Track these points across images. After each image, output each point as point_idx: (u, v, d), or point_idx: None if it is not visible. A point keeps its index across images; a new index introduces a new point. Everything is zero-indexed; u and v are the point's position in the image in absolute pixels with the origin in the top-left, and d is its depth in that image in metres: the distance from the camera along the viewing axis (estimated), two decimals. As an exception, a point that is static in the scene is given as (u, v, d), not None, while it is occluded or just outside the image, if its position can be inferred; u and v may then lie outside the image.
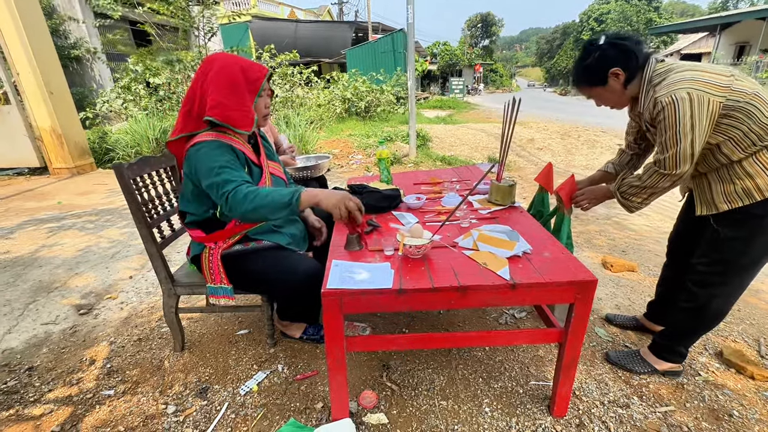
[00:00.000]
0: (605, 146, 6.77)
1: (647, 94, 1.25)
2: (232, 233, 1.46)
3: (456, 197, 1.79)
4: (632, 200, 1.35)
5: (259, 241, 1.49)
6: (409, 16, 5.14)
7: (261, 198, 1.23)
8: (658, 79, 1.22)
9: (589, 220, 3.24)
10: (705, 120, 1.13)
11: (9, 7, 4.39)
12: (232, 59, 1.36)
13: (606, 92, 1.33)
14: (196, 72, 1.39)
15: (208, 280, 1.51)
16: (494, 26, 46.07)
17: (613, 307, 2.02)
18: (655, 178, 1.27)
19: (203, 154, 1.31)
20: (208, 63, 1.36)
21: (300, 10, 23.51)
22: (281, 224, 1.55)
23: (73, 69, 8.96)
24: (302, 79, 9.45)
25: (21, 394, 1.53)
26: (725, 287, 1.33)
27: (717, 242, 1.28)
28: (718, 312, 1.38)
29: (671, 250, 1.65)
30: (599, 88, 1.33)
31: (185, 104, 1.37)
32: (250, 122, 1.37)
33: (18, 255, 2.78)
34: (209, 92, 1.32)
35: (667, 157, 1.20)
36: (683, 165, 1.19)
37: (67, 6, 8.68)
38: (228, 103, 1.32)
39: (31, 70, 4.67)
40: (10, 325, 1.98)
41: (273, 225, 1.52)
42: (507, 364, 1.60)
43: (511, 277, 1.12)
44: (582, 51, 1.33)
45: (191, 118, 1.36)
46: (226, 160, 1.31)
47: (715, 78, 1.13)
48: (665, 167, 1.23)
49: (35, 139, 5.07)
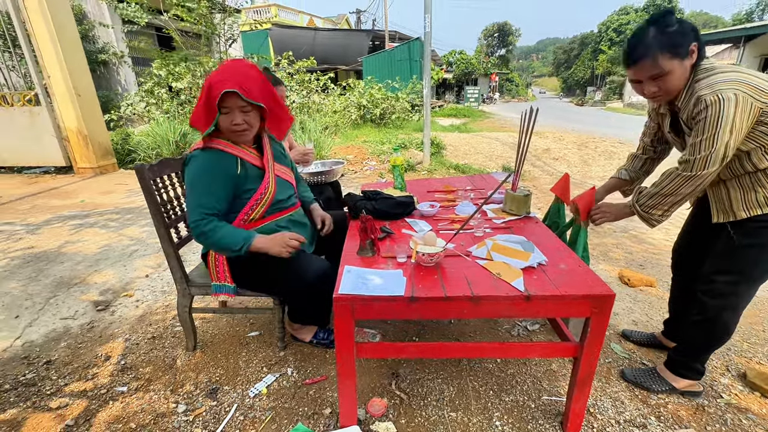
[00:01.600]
0: (623, 157, 6.64)
1: (688, 89, 1.18)
2: None
3: (470, 206, 1.78)
4: (653, 213, 1.30)
5: None
6: (426, 24, 5.17)
7: (214, 240, 1.39)
8: (702, 75, 1.16)
9: (605, 233, 3.18)
10: (745, 124, 1.09)
11: (43, 13, 4.59)
12: (222, 70, 1.36)
13: (679, 69, 1.16)
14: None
15: (213, 278, 1.54)
16: (511, 36, 46.02)
17: (629, 323, 1.96)
18: (677, 182, 1.21)
19: (191, 172, 1.40)
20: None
21: (319, 19, 23.93)
22: (286, 225, 1.57)
23: (100, 73, 9.29)
24: (319, 85, 9.58)
25: (39, 386, 1.56)
26: (735, 298, 1.30)
27: (731, 251, 1.26)
28: (726, 325, 1.34)
29: (677, 263, 1.62)
30: (676, 62, 1.15)
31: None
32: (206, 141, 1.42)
33: (42, 250, 2.87)
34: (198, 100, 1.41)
35: (697, 158, 1.14)
36: (712, 167, 1.13)
37: (97, 13, 9.03)
38: (196, 114, 1.37)
39: (61, 74, 4.86)
40: (31, 318, 2.04)
41: (277, 225, 1.54)
42: (519, 377, 1.57)
43: (525, 289, 1.10)
44: (661, 17, 1.16)
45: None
46: (204, 183, 1.38)
47: (762, 83, 1.09)
48: (692, 168, 1.16)
49: (62, 139, 5.25)
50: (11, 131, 5.25)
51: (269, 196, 1.49)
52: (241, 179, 1.44)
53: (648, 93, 1.24)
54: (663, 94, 1.22)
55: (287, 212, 1.58)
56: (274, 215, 1.54)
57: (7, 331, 1.92)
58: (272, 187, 1.50)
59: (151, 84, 7.07)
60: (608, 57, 32.12)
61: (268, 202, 1.49)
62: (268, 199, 1.49)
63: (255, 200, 1.47)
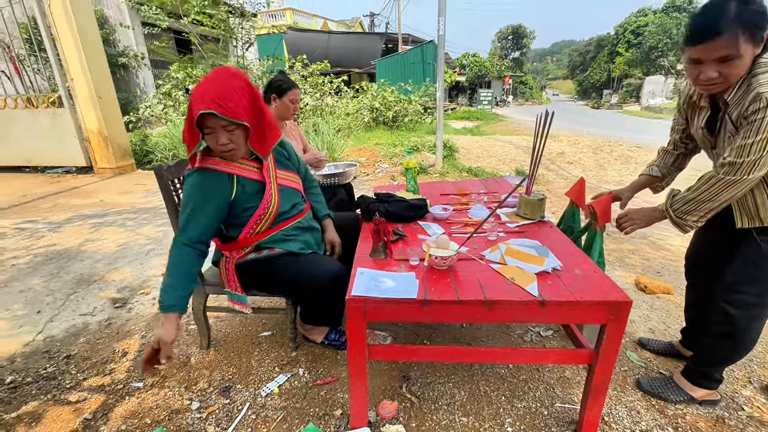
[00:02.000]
0: (640, 162, 6.51)
1: (743, 83, 1.08)
2: (244, 245, 1.50)
3: (483, 209, 1.76)
4: (687, 219, 1.20)
5: (272, 249, 1.51)
6: (440, 27, 5.17)
7: (168, 263, 1.30)
8: (762, 69, 1.06)
9: (622, 239, 3.12)
10: None
11: (68, 18, 4.75)
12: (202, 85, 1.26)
13: (747, 56, 1.04)
14: None
15: (224, 284, 1.57)
16: (525, 38, 45.62)
17: (646, 331, 1.92)
18: (718, 187, 1.12)
19: (187, 189, 1.36)
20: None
21: (333, 22, 24.13)
22: (295, 233, 1.55)
23: (119, 75, 9.54)
24: (332, 88, 9.65)
25: (59, 380, 1.61)
26: (762, 308, 1.26)
27: (759, 258, 1.21)
28: (752, 336, 1.30)
29: (691, 271, 1.56)
30: (750, 47, 1.03)
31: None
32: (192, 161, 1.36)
33: (63, 248, 2.96)
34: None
35: (746, 161, 1.05)
36: (759, 172, 1.06)
37: (118, 17, 9.29)
38: (185, 131, 1.30)
39: (83, 77, 5.01)
40: (53, 314, 2.10)
41: (284, 234, 1.52)
42: (531, 383, 1.55)
43: (539, 294, 1.09)
44: None
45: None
46: (192, 206, 1.33)
47: None
48: (738, 172, 1.07)
49: (83, 140, 5.41)
50: (35, 132, 5.43)
51: (272, 211, 1.45)
52: (238, 199, 1.40)
53: (704, 78, 1.10)
54: (721, 81, 1.09)
55: (294, 220, 1.55)
56: (280, 225, 1.51)
57: (30, 326, 1.98)
58: (275, 200, 1.45)
59: (169, 86, 7.24)
60: (625, 59, 31.57)
61: (272, 216, 1.46)
62: (272, 214, 1.46)
63: (258, 216, 1.44)
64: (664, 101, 22.58)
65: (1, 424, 1.39)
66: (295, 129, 2.44)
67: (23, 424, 1.39)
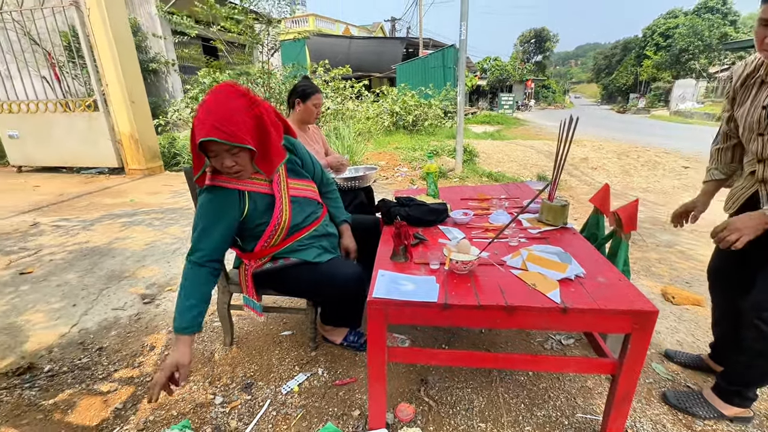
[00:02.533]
0: (668, 168, 6.29)
1: None
2: (260, 256, 1.52)
3: (504, 214, 1.76)
4: None
5: (287, 259, 1.53)
6: (462, 32, 5.17)
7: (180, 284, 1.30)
8: None
9: (648, 247, 3.03)
10: None
11: (105, 27, 5.00)
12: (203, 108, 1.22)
13: None
14: None
15: (243, 290, 1.61)
16: (548, 42, 44.89)
17: (674, 343, 1.86)
18: None
19: (198, 210, 1.36)
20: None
21: (354, 27, 24.42)
22: (311, 242, 1.54)
23: (150, 81, 9.92)
24: (353, 92, 9.76)
25: (92, 371, 1.69)
26: None
27: None
28: None
29: (716, 285, 1.50)
30: None
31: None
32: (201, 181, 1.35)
33: (96, 245, 3.11)
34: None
35: None
36: None
37: (150, 25, 9.69)
38: (192, 151, 1.29)
39: (117, 82, 5.26)
40: (87, 307, 2.20)
41: (299, 244, 1.52)
42: (552, 392, 1.53)
43: (561, 301, 1.08)
44: None
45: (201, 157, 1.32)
46: (203, 225, 1.32)
47: None
48: None
49: (116, 142, 5.66)
50: (72, 135, 5.72)
51: (284, 225, 1.44)
52: (250, 216, 1.40)
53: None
54: None
55: (309, 229, 1.53)
56: (294, 236, 1.50)
57: (66, 318, 2.09)
58: (286, 215, 1.44)
59: (197, 91, 7.48)
60: (653, 62, 30.58)
61: (285, 229, 1.46)
62: (285, 228, 1.45)
63: (270, 231, 1.44)
64: (694, 105, 21.71)
65: (39, 410, 1.47)
66: (317, 133, 2.49)
67: (59, 411, 1.47)
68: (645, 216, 3.84)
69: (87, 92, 5.72)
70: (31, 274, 2.62)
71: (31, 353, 1.81)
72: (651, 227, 3.50)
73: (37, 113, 5.75)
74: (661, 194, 4.88)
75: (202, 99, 1.26)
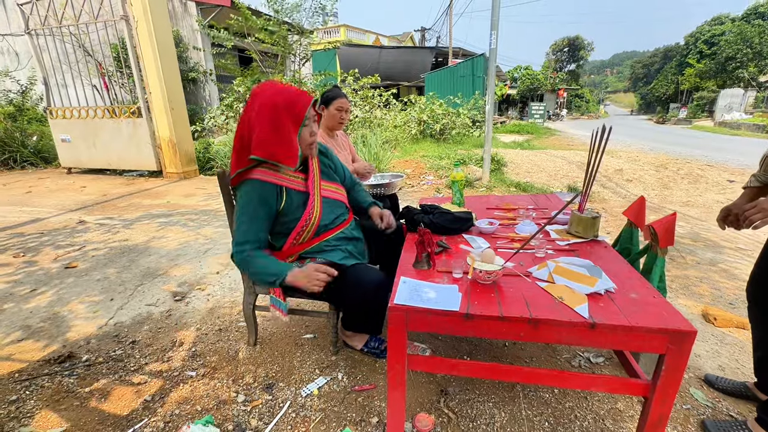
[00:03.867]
0: (712, 182, 5.94)
1: None
2: (288, 254, 1.57)
3: (531, 225, 1.71)
4: None
5: (314, 259, 1.56)
6: (492, 41, 5.14)
7: (252, 269, 1.44)
8: None
9: (688, 264, 2.86)
10: None
11: (150, 39, 5.33)
12: (273, 93, 1.36)
13: None
14: (244, 108, 1.42)
15: (269, 290, 1.63)
16: (582, 50, 43.79)
17: (715, 368, 1.74)
18: None
19: (238, 203, 1.45)
20: (251, 98, 1.39)
21: (384, 37, 24.77)
22: (337, 243, 1.59)
23: (189, 89, 10.46)
24: (381, 101, 9.87)
25: (125, 362, 1.78)
26: None
27: None
28: None
29: (757, 298, 1.38)
30: None
31: (236, 142, 1.43)
32: (293, 158, 1.40)
33: (134, 243, 3.28)
34: (254, 130, 1.36)
35: None
36: None
37: (191, 37, 10.25)
38: (271, 140, 1.36)
39: (159, 90, 5.57)
40: (122, 302, 2.32)
41: (326, 244, 1.56)
42: (578, 412, 1.46)
43: (590, 316, 1.04)
44: None
45: (243, 156, 1.42)
46: (248, 215, 1.41)
47: None
48: None
49: (156, 147, 5.98)
50: (117, 139, 6.10)
51: (314, 222, 1.51)
52: (285, 210, 1.47)
53: None
54: None
55: (336, 230, 1.59)
56: (322, 236, 1.56)
57: (104, 311, 2.21)
58: (317, 212, 1.51)
59: (232, 99, 7.81)
60: (697, 71, 29.14)
61: (314, 227, 1.52)
62: (314, 225, 1.51)
63: (300, 227, 1.50)
64: (742, 116, 20.43)
65: (76, 397, 1.56)
66: (345, 139, 2.54)
67: (94, 399, 1.55)
68: (685, 231, 3.63)
69: (132, 100, 6.10)
70: (76, 268, 2.80)
71: (72, 342, 1.92)
72: (691, 243, 3.31)
73: (87, 119, 6.17)
74: (704, 209, 4.60)
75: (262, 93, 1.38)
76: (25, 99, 7.70)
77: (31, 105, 8.08)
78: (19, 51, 10.29)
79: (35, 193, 5.27)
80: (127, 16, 5.37)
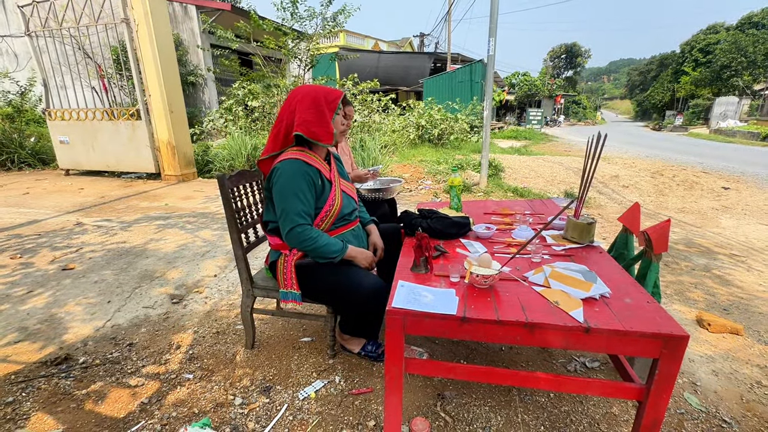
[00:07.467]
0: (707, 189, 6.00)
1: None
2: None
3: (528, 230, 1.73)
4: None
5: None
6: (490, 48, 5.19)
7: (316, 246, 1.50)
8: None
9: (682, 270, 2.88)
10: None
11: (151, 42, 5.35)
12: (311, 87, 1.57)
13: None
14: (285, 100, 1.58)
15: (281, 284, 1.64)
16: (580, 57, 44.20)
17: (709, 373, 1.75)
18: None
19: (282, 179, 1.48)
20: (295, 92, 1.56)
21: (383, 43, 24.90)
22: (350, 239, 1.65)
23: (188, 92, 10.48)
24: (380, 106, 9.92)
25: (122, 365, 1.77)
26: None
27: None
28: None
29: None
30: None
31: (275, 127, 1.57)
32: (330, 136, 1.54)
33: (132, 245, 3.27)
34: (297, 113, 1.51)
35: None
36: None
37: (191, 39, 10.28)
38: (312, 120, 1.50)
39: (159, 93, 5.59)
40: (120, 304, 2.32)
41: (342, 240, 1.61)
42: (574, 416, 1.47)
43: (585, 320, 1.05)
44: None
45: (279, 139, 1.56)
46: (298, 190, 1.47)
47: None
48: None
49: (154, 149, 5.98)
50: (116, 141, 6.10)
51: (336, 210, 1.59)
52: (318, 191, 1.56)
53: None
54: None
55: (350, 226, 1.68)
56: (339, 229, 1.64)
57: (101, 314, 2.21)
58: (338, 201, 1.60)
59: (231, 102, 7.83)
60: (692, 79, 29.42)
61: (335, 215, 1.59)
62: (335, 213, 1.59)
63: (324, 212, 1.57)
64: (737, 123, 20.65)
65: (72, 399, 1.56)
66: (346, 146, 2.56)
67: (91, 401, 1.54)
68: (679, 237, 3.67)
69: (131, 102, 6.11)
70: (73, 269, 2.79)
71: (69, 344, 1.92)
72: (685, 249, 3.34)
73: (85, 121, 6.17)
74: (698, 216, 4.65)
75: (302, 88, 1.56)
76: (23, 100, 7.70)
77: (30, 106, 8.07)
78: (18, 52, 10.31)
79: (33, 194, 5.26)
80: (128, 19, 5.39)
